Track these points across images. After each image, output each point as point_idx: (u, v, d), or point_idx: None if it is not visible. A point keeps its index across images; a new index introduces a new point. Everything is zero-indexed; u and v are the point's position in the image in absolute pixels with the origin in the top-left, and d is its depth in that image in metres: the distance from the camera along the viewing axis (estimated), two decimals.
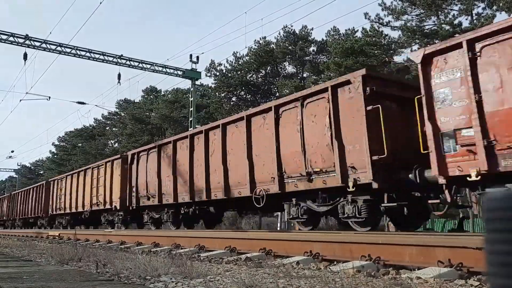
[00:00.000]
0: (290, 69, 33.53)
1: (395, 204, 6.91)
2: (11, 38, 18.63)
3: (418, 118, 6.54)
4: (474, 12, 21.29)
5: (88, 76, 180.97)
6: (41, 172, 66.48)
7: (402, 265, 4.22)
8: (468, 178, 5.78)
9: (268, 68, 33.21)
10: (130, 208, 14.89)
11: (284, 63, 32.99)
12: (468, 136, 5.86)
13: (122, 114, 46.94)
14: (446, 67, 6.24)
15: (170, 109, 36.45)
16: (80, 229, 18.16)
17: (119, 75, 21.51)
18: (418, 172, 6.72)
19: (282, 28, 30.68)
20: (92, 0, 17.49)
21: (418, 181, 6.74)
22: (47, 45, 19.30)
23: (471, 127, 5.83)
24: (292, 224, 18.82)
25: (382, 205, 7.03)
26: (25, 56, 19.33)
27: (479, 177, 5.64)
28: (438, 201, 6.50)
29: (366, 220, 7.27)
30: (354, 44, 23.50)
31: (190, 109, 23.26)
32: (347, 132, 7.48)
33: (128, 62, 21.36)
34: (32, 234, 17.21)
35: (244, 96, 34.06)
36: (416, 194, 7.52)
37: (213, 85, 34.17)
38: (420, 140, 6.47)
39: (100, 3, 17.00)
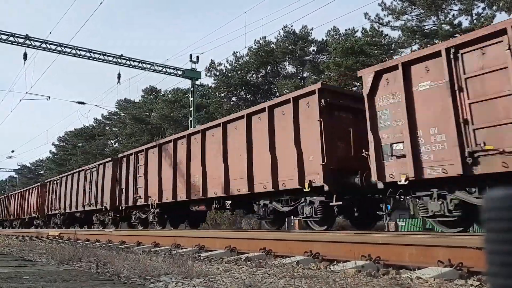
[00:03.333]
0: (290, 69, 33.53)
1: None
2: (11, 38, 18.61)
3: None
4: (474, 12, 21.31)
5: (88, 76, 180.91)
6: (41, 172, 66.46)
7: (402, 265, 4.22)
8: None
9: (268, 68, 33.20)
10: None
11: (284, 63, 32.98)
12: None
13: (122, 114, 46.93)
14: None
15: (170, 109, 36.43)
16: (75, 229, 18.28)
17: (119, 75, 21.49)
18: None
19: (282, 28, 30.69)
20: (92, 0, 17.47)
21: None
22: (47, 45, 19.28)
23: None
24: (292, 224, 18.86)
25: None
26: (25, 56, 19.30)
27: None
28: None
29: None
30: (354, 44, 23.50)
31: (190, 109, 23.26)
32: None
33: (128, 62, 21.35)
34: (32, 234, 17.21)
35: (244, 96, 34.06)
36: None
37: (213, 85, 34.18)
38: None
39: (101, 3, 16.98)
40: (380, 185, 6.95)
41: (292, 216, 10.39)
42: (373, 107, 7.17)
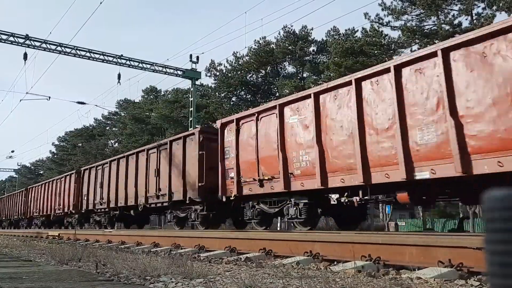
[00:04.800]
0: (290, 69, 33.55)
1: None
2: (11, 38, 18.61)
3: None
4: (474, 12, 21.31)
5: (88, 76, 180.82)
6: (41, 172, 66.46)
7: (402, 265, 4.22)
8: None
9: (268, 68, 33.21)
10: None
11: (284, 63, 33.00)
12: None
13: (122, 114, 46.94)
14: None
15: (170, 109, 36.43)
16: (74, 229, 18.57)
17: (119, 75, 21.49)
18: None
19: (282, 28, 30.71)
20: (92, 0, 17.44)
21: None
22: (47, 45, 19.28)
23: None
24: (292, 224, 19.04)
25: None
26: (25, 56, 19.29)
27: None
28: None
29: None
30: (354, 44, 23.52)
31: (190, 109, 23.26)
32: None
33: (128, 62, 21.34)
34: (32, 234, 17.23)
35: (244, 96, 34.08)
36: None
37: (213, 85, 34.19)
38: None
39: (101, 3, 17.01)
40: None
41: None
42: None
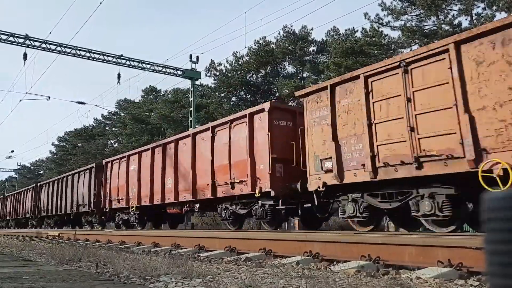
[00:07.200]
0: (290, 69, 33.51)
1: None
2: (11, 38, 18.60)
3: None
4: (474, 12, 21.30)
5: (88, 76, 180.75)
6: (41, 172, 66.41)
7: (402, 265, 4.22)
8: None
9: (268, 68, 33.17)
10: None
11: (284, 63, 32.96)
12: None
13: (122, 114, 46.91)
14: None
15: (170, 109, 36.39)
16: (74, 229, 18.50)
17: (119, 75, 21.50)
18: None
19: (282, 28, 30.68)
20: (92, 0, 17.43)
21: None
22: (47, 45, 19.28)
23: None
24: (292, 224, 18.97)
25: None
26: (25, 56, 19.28)
27: None
28: None
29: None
30: (354, 44, 23.50)
31: (190, 109, 23.25)
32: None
33: (128, 62, 21.34)
34: (32, 234, 17.23)
35: (244, 96, 34.05)
36: None
37: (213, 85, 34.15)
38: None
39: (100, 3, 17.00)
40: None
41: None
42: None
